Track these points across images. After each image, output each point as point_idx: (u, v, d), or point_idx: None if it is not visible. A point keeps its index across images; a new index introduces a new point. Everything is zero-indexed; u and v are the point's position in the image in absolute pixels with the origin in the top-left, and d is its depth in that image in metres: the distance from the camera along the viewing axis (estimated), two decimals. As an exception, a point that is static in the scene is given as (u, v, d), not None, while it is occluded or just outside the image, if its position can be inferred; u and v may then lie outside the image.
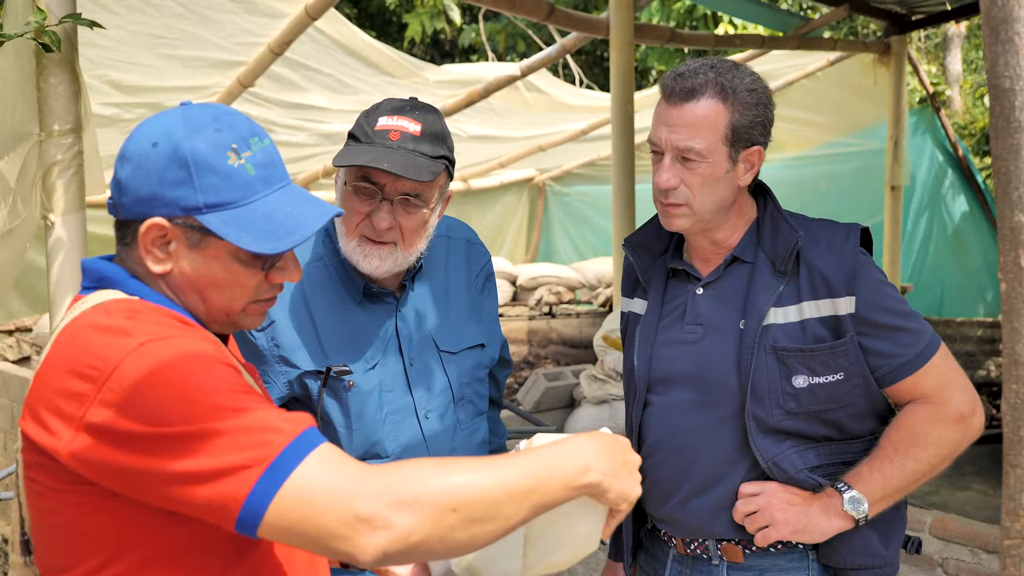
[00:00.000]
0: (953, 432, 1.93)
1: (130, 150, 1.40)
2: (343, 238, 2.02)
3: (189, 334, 1.34)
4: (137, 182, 1.37)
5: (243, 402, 1.25)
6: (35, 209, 2.76)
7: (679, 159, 1.94)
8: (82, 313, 1.37)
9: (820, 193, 9.84)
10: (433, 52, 15.82)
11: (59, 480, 1.31)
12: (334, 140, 7.43)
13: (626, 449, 1.45)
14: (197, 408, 1.23)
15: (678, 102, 1.94)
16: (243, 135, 1.40)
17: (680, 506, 2.03)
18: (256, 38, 5.60)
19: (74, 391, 1.27)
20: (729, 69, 1.96)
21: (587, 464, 1.37)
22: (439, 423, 2.11)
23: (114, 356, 1.27)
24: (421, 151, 1.95)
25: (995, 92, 1.21)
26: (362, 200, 1.97)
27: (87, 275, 1.45)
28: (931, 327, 2.00)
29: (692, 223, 1.99)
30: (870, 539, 1.96)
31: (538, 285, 9.83)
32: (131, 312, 1.34)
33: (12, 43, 2.67)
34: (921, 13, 7.78)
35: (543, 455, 1.35)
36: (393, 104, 2.02)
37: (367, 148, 1.94)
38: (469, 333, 2.20)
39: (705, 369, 2.00)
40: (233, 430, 1.22)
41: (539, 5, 5.84)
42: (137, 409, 1.23)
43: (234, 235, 1.36)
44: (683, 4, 11.34)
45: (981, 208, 9.79)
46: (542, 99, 7.81)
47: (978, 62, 16.56)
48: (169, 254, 1.39)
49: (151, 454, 1.23)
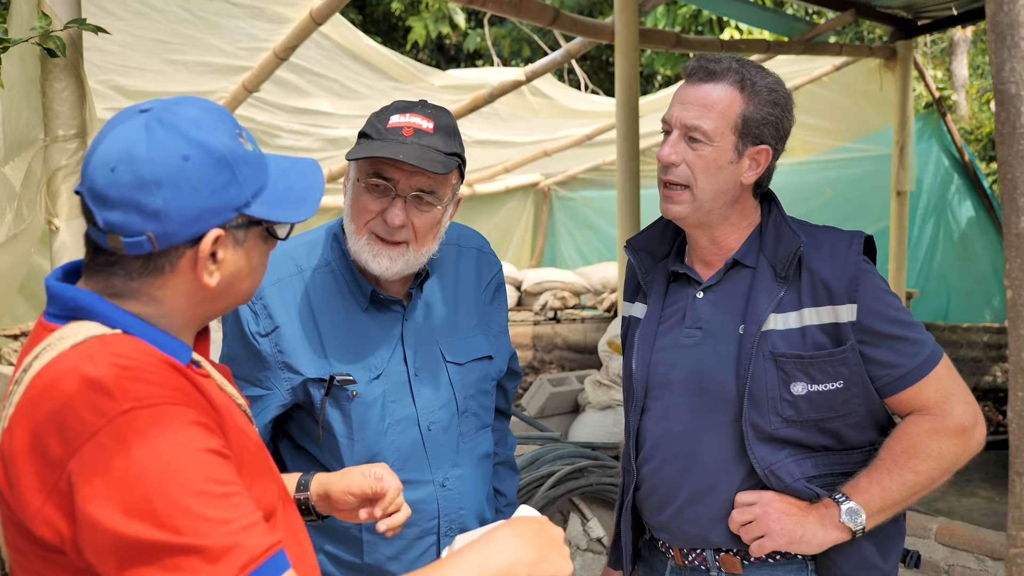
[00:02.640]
0: (954, 445, 1.92)
1: (158, 175, 1.24)
2: (352, 236, 1.99)
3: (177, 397, 1.25)
4: (183, 202, 1.25)
5: (215, 510, 1.18)
6: (40, 214, 2.76)
7: (686, 137, 1.95)
8: (62, 355, 1.26)
9: (826, 198, 9.82)
10: (438, 57, 15.83)
11: (35, 546, 1.24)
12: (339, 145, 7.43)
13: (546, 526, 1.43)
14: (167, 510, 1.15)
15: (697, 81, 1.96)
16: (228, 117, 1.35)
17: (677, 514, 2.02)
18: (261, 43, 5.60)
19: (48, 451, 1.20)
20: (755, 66, 1.99)
21: (508, 565, 1.33)
22: (442, 435, 2.08)
23: (95, 421, 1.18)
24: (435, 146, 1.93)
25: (1001, 97, 1.20)
26: (374, 197, 1.95)
27: (56, 302, 1.32)
28: (934, 338, 1.98)
29: (691, 210, 1.98)
30: (868, 551, 1.95)
31: (543, 290, 9.82)
32: (116, 362, 1.24)
33: (17, 48, 2.67)
34: (927, 18, 7.76)
35: (465, 565, 1.31)
36: (404, 103, 2.00)
37: (380, 143, 1.92)
38: (477, 344, 2.17)
39: (703, 374, 1.99)
40: (195, 550, 1.15)
41: (544, 10, 5.83)
42: (108, 491, 1.16)
43: (276, 214, 1.35)
44: (688, 9, 11.34)
45: (987, 213, 9.77)
46: (547, 104, 7.81)
47: (984, 67, 16.53)
48: (218, 262, 1.32)
49: (107, 548, 1.16)
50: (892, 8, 7.45)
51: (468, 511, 2.10)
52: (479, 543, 1.36)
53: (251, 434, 1.44)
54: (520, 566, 1.34)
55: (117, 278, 1.31)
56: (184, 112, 1.30)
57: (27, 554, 1.26)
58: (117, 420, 1.18)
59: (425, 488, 2.05)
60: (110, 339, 1.27)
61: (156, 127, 1.27)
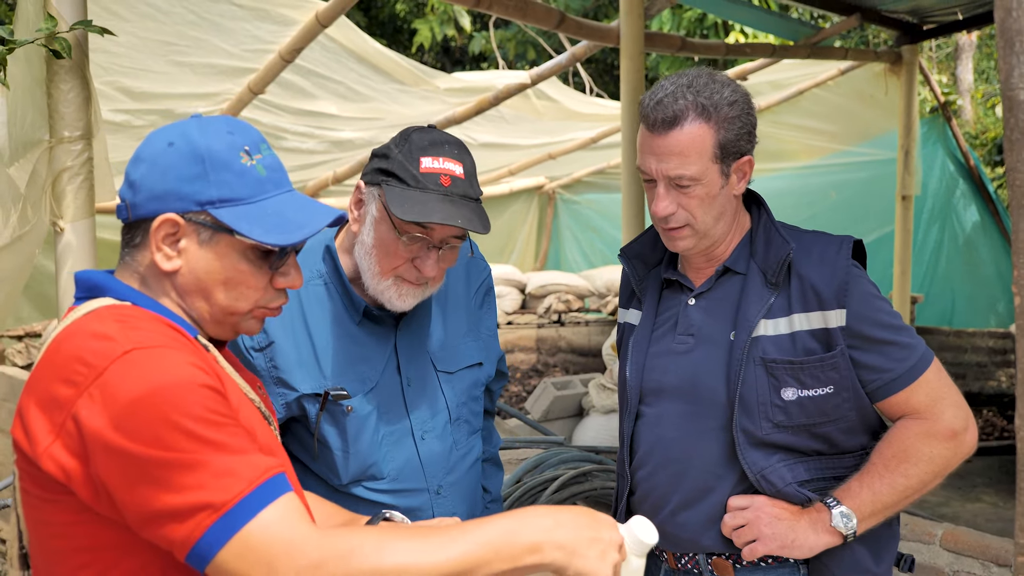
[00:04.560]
0: (945, 449, 1.91)
1: (144, 152, 1.42)
2: (374, 276, 1.96)
3: (176, 344, 1.34)
4: (152, 180, 1.40)
5: (216, 433, 1.26)
6: (45, 215, 2.76)
7: (673, 186, 1.93)
8: (74, 321, 1.38)
9: (830, 202, 9.82)
10: (444, 59, 15.85)
11: (44, 489, 1.32)
12: (344, 147, 7.44)
13: (600, 527, 1.38)
14: (170, 433, 1.23)
15: (662, 131, 1.91)
16: (254, 140, 1.45)
17: (670, 518, 2.02)
18: (267, 45, 5.61)
19: (58, 396, 1.29)
20: (706, 85, 1.92)
21: (537, 542, 1.33)
22: (436, 444, 2.08)
23: (99, 363, 1.27)
24: (471, 195, 1.92)
25: (1009, 103, 1.20)
26: (406, 244, 1.92)
27: (79, 286, 1.46)
28: (924, 342, 1.98)
29: (697, 242, 1.99)
30: (860, 555, 1.94)
31: (547, 293, 9.82)
32: (121, 317, 1.35)
33: (23, 49, 2.68)
34: (933, 23, 7.76)
35: (494, 531, 1.32)
36: (427, 139, 1.95)
37: (425, 197, 1.88)
38: (467, 351, 2.17)
39: (695, 380, 1.99)
40: (198, 466, 1.23)
41: (550, 13, 5.84)
42: (114, 419, 1.24)
43: (246, 228, 1.39)
44: (694, 13, 11.34)
45: (992, 218, 9.77)
46: (552, 107, 7.82)
47: (989, 72, 16.52)
48: (179, 251, 1.41)
49: (118, 470, 1.24)
50: (897, 12, 7.44)
51: (462, 516, 2.10)
52: (513, 513, 1.37)
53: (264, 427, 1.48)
54: (543, 551, 1.33)
55: (123, 251, 1.46)
56: (211, 120, 1.45)
57: (46, 508, 1.34)
58: (120, 359, 1.27)
59: (420, 496, 2.06)
60: (119, 307, 1.39)
61: (180, 123, 1.44)
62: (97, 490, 1.27)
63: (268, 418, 1.53)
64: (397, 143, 1.96)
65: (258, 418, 1.47)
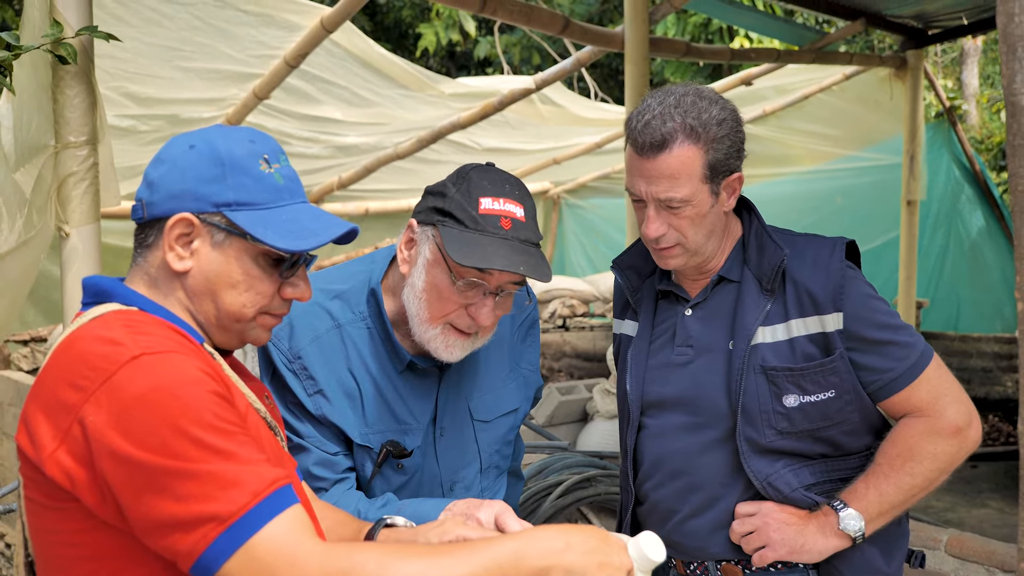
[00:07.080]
0: (949, 445, 1.91)
1: (166, 154, 1.45)
2: (423, 323, 1.85)
3: (185, 349, 1.34)
4: (171, 179, 1.42)
5: (224, 442, 1.26)
6: (50, 220, 2.77)
7: (664, 207, 1.92)
8: (81, 325, 1.38)
9: (835, 207, 9.80)
10: (448, 64, 15.87)
11: (49, 496, 1.32)
12: (349, 152, 7.44)
13: (611, 551, 1.38)
14: (177, 439, 1.23)
15: (651, 155, 1.89)
16: (274, 150, 1.47)
17: (678, 528, 2.02)
18: (272, 50, 5.62)
19: (64, 400, 1.28)
20: (693, 104, 1.90)
21: (546, 566, 1.32)
22: (464, 493, 2.03)
23: (107, 367, 1.27)
24: (532, 240, 1.82)
25: (1012, 109, 1.20)
26: (461, 291, 1.81)
27: (86, 291, 1.47)
28: (923, 339, 1.98)
29: (687, 259, 1.99)
30: (871, 556, 1.94)
31: (552, 298, 9.81)
32: (128, 322, 1.35)
33: (29, 55, 2.68)
34: (938, 28, 7.75)
35: (502, 552, 1.32)
36: (486, 178, 1.84)
37: (485, 241, 1.77)
38: (506, 398, 2.08)
39: (696, 391, 1.99)
40: (205, 476, 1.23)
41: (554, 18, 5.84)
42: (122, 424, 1.24)
43: (260, 232, 1.40)
44: (699, 18, 11.34)
45: (998, 223, 9.74)
46: (557, 112, 7.81)
47: (995, 76, 16.49)
48: (192, 252, 1.42)
49: (124, 476, 1.24)
50: (902, 17, 7.44)
51: None
52: (522, 534, 1.37)
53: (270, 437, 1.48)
54: (558, 572, 1.32)
55: (136, 252, 1.47)
56: (234, 128, 1.48)
57: (50, 516, 1.33)
58: (129, 364, 1.27)
59: None
60: (126, 312, 1.40)
61: (202, 129, 1.47)
62: (103, 496, 1.27)
63: (274, 428, 1.53)
64: (454, 181, 1.85)
65: (264, 428, 1.47)
